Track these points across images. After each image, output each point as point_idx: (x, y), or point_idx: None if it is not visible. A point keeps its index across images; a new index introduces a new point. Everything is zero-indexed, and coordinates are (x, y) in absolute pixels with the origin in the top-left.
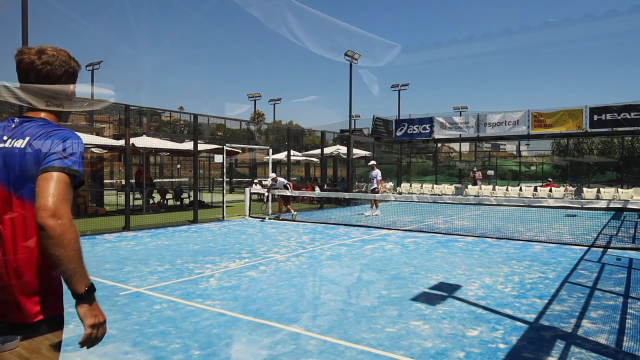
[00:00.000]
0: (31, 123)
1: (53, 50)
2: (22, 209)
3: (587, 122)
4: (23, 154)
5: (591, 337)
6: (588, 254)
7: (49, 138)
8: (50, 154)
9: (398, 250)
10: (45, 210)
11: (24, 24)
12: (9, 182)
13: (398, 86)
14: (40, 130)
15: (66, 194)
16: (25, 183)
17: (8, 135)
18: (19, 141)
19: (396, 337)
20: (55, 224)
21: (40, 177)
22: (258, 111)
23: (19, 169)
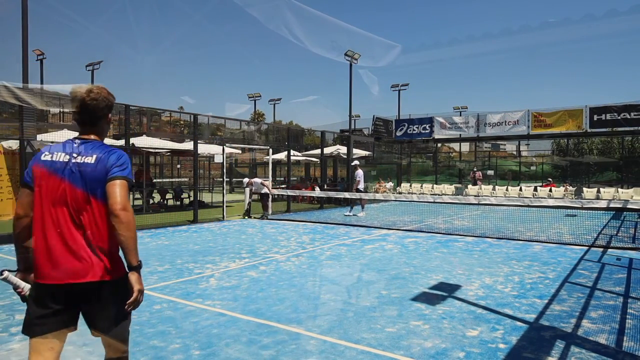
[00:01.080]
0: (90, 144)
1: (97, 89)
2: (95, 205)
3: (587, 122)
4: (95, 167)
5: (591, 337)
6: (588, 254)
7: (110, 156)
8: (114, 167)
9: (398, 250)
10: (117, 204)
11: (24, 24)
12: (86, 187)
13: (398, 86)
14: (102, 151)
15: (127, 194)
16: (97, 187)
17: (76, 153)
18: (89, 158)
19: (396, 337)
20: (124, 214)
21: (110, 184)
22: (258, 111)
23: (92, 178)
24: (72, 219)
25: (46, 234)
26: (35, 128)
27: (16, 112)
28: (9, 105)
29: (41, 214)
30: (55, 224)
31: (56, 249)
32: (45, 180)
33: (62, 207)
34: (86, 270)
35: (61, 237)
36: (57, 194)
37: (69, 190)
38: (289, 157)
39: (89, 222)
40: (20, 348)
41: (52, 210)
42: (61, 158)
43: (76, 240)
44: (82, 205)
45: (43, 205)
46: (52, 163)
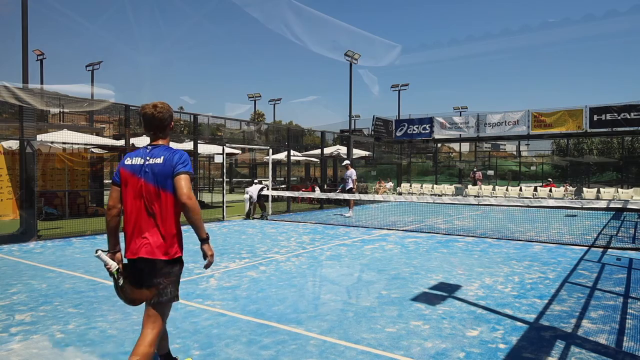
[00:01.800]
0: (158, 148)
1: (161, 104)
2: (164, 196)
3: (587, 122)
4: (162, 166)
5: (591, 337)
6: (588, 254)
7: (174, 156)
8: (178, 165)
9: (398, 251)
10: (184, 195)
11: (24, 24)
12: (157, 182)
13: (398, 86)
14: (167, 152)
15: (190, 185)
16: (165, 182)
17: (148, 156)
18: (158, 159)
19: (396, 337)
20: (190, 202)
21: (177, 178)
22: (258, 111)
23: (161, 175)
24: (146, 209)
25: (131, 221)
26: (35, 128)
27: (16, 113)
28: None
29: (129, 205)
30: (136, 213)
31: (137, 233)
32: (129, 180)
33: (140, 200)
34: (150, 250)
35: (140, 223)
36: (137, 189)
37: (144, 186)
38: (289, 157)
39: (159, 211)
40: (20, 348)
41: (134, 203)
42: (138, 162)
43: (148, 227)
44: (154, 197)
45: (129, 199)
46: (132, 166)
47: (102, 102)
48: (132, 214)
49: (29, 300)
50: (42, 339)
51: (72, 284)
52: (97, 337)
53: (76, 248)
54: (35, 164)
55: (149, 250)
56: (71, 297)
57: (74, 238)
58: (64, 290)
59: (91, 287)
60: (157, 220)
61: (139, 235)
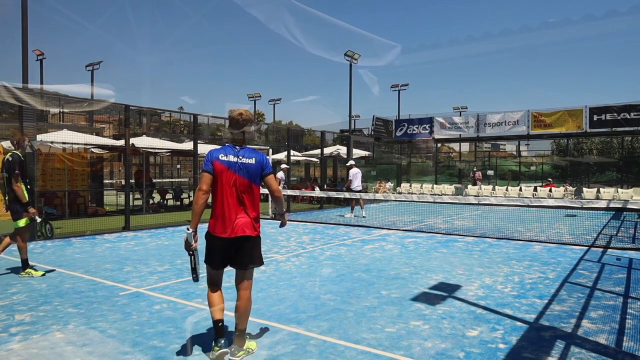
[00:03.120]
0: (246, 149)
1: (245, 112)
2: (255, 189)
3: (587, 122)
4: (255, 166)
5: (591, 337)
6: (588, 254)
7: (263, 158)
8: (267, 167)
9: (398, 251)
10: (276, 190)
11: (24, 24)
12: (250, 178)
13: (398, 86)
14: (256, 155)
15: (275, 181)
16: (256, 178)
17: (240, 155)
18: (250, 160)
19: (396, 337)
20: (279, 194)
21: (268, 178)
22: (258, 111)
23: (254, 172)
24: (238, 198)
25: (223, 206)
26: (35, 128)
27: (16, 113)
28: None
29: (221, 194)
30: (229, 201)
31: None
32: (224, 172)
33: (233, 189)
34: (243, 229)
35: (231, 209)
36: (231, 181)
37: (239, 180)
38: (289, 157)
39: (249, 200)
40: (20, 348)
41: (227, 191)
42: (231, 159)
43: (238, 212)
44: (246, 189)
45: (223, 189)
46: (228, 162)
47: (102, 102)
48: (224, 202)
49: (29, 300)
50: (42, 339)
51: (72, 284)
52: (97, 337)
53: (76, 248)
54: (35, 164)
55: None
56: (71, 297)
57: (74, 238)
58: (63, 291)
59: (91, 287)
60: (248, 207)
61: (231, 219)
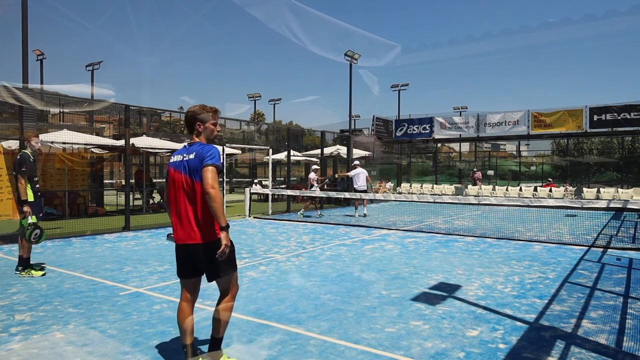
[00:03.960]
0: (194, 145)
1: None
2: (198, 187)
3: (587, 122)
4: (195, 160)
5: (591, 337)
6: (588, 254)
7: (203, 150)
8: (207, 158)
9: (398, 251)
10: (208, 184)
11: (24, 24)
12: (191, 175)
13: (398, 86)
14: (200, 147)
15: (215, 175)
16: (196, 174)
17: (186, 153)
18: (191, 155)
19: (396, 337)
20: (212, 191)
21: (204, 170)
22: (258, 111)
23: (194, 168)
24: (188, 201)
25: (175, 211)
26: (35, 128)
27: (16, 113)
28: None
29: (174, 199)
30: (180, 203)
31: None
32: (175, 175)
33: (181, 191)
34: (193, 235)
35: (182, 213)
36: (179, 183)
37: (184, 180)
38: (289, 157)
39: (199, 201)
40: (20, 348)
41: (177, 195)
42: (179, 159)
43: (189, 214)
44: (191, 189)
45: (175, 192)
46: (174, 163)
47: (102, 102)
48: (176, 205)
49: (29, 300)
50: (42, 339)
51: (72, 284)
52: (97, 337)
53: (76, 248)
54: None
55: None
56: (71, 297)
57: (74, 238)
58: (63, 290)
59: (91, 287)
60: (198, 210)
61: (183, 224)
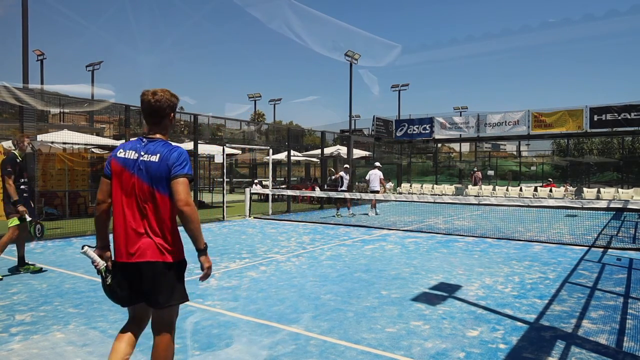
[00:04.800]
0: (156, 143)
1: (161, 91)
2: (159, 198)
3: (587, 122)
4: (158, 165)
5: (591, 337)
6: (588, 254)
7: (172, 154)
8: (176, 166)
9: (398, 251)
10: (182, 201)
11: (24, 24)
12: (151, 182)
13: (398, 86)
14: (165, 149)
15: (189, 189)
16: (160, 182)
17: (144, 151)
18: (154, 157)
19: (396, 337)
20: (188, 209)
21: (174, 182)
22: (258, 111)
23: (156, 175)
24: (139, 209)
25: (123, 219)
26: (36, 128)
27: (16, 113)
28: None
29: (120, 202)
30: (127, 212)
31: (126, 233)
32: (122, 174)
33: (132, 198)
34: (145, 252)
35: (130, 224)
36: (129, 186)
37: (138, 184)
38: (289, 157)
39: (153, 214)
40: (20, 348)
41: (125, 200)
42: (132, 155)
43: (138, 228)
44: (148, 198)
45: (121, 195)
46: (125, 160)
47: (102, 102)
48: (122, 214)
49: (29, 300)
50: (42, 339)
51: (72, 284)
52: (97, 337)
53: (76, 248)
54: (35, 164)
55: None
56: (71, 297)
57: (74, 238)
58: (64, 291)
59: (91, 287)
60: (152, 222)
61: (131, 238)
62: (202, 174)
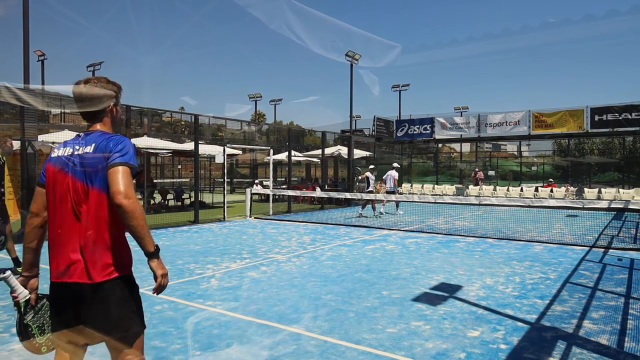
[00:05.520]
0: (93, 134)
1: (95, 80)
2: (94, 196)
3: (588, 123)
4: (93, 155)
5: (592, 337)
6: (589, 255)
7: (109, 142)
8: (114, 154)
9: (399, 251)
10: (120, 193)
11: (25, 25)
12: (85, 177)
13: (399, 86)
14: (102, 138)
15: (130, 181)
16: (96, 176)
17: (79, 145)
18: (88, 147)
19: (397, 337)
20: (128, 202)
21: (110, 171)
22: (259, 111)
23: (90, 166)
24: (74, 215)
25: (55, 231)
26: (37, 129)
27: (17, 113)
28: (10, 106)
29: (53, 211)
30: (60, 220)
31: (59, 246)
32: (55, 177)
33: (66, 202)
34: (77, 270)
35: (63, 233)
36: (63, 189)
37: (72, 183)
38: (290, 157)
39: (89, 217)
40: (21, 348)
41: (59, 206)
42: (66, 152)
43: (72, 237)
44: (82, 198)
45: (55, 202)
46: (58, 159)
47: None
48: (55, 223)
49: None
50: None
51: None
52: None
53: None
54: (36, 165)
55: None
56: None
57: None
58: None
59: None
60: (86, 230)
61: (64, 251)
62: (202, 174)
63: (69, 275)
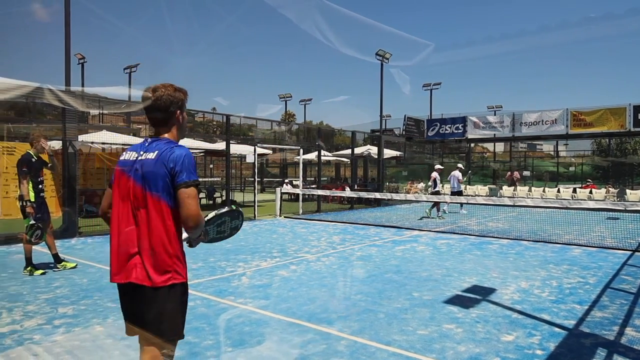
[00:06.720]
0: (159, 141)
1: (162, 87)
2: (151, 202)
3: (631, 121)
4: (154, 163)
5: (635, 345)
6: (632, 259)
7: (172, 153)
8: (182, 172)
9: (430, 252)
10: (191, 218)
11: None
12: (144, 184)
13: (430, 85)
14: (166, 146)
15: (197, 201)
16: (155, 185)
17: (143, 150)
18: (150, 154)
19: (428, 339)
20: (198, 224)
21: (181, 192)
22: (289, 111)
23: (150, 174)
24: (134, 218)
25: (115, 233)
26: (77, 129)
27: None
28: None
29: (116, 214)
30: (120, 221)
31: (118, 247)
32: (120, 179)
33: (127, 205)
34: (133, 272)
35: (121, 234)
36: (125, 192)
37: (132, 188)
38: (320, 157)
39: (145, 223)
40: (63, 340)
41: (121, 209)
42: (131, 157)
43: (130, 238)
44: (141, 204)
45: (118, 205)
46: (124, 162)
47: (140, 103)
48: (116, 223)
49: (71, 294)
50: (83, 332)
51: None
52: None
53: None
54: (76, 164)
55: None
56: (110, 292)
57: None
58: (103, 285)
59: None
60: (142, 234)
61: (125, 253)
62: (234, 174)
63: (126, 276)
